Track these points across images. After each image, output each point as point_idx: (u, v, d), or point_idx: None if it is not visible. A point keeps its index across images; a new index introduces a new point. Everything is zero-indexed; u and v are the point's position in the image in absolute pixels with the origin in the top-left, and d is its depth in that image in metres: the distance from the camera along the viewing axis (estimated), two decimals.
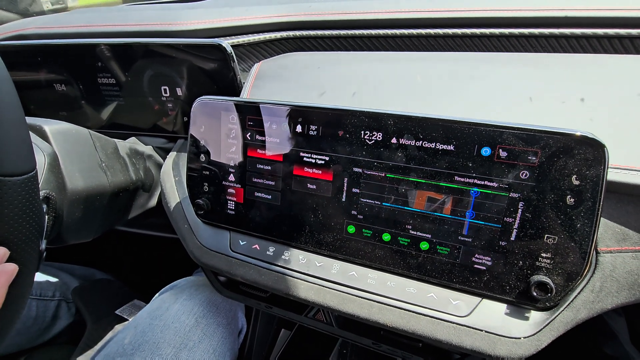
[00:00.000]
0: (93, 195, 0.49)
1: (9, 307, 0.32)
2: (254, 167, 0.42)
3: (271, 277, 0.41)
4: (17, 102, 0.30)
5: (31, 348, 0.73)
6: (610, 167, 0.33)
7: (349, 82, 0.48)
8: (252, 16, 0.60)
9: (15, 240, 0.30)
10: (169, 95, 0.61)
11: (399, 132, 0.35)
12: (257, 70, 0.56)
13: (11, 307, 0.33)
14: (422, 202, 0.35)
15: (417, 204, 0.35)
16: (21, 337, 0.69)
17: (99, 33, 0.63)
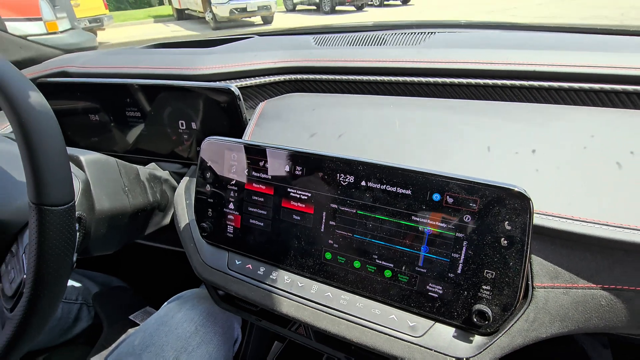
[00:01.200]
0: (116, 215, 0.58)
1: (46, 310, 0.40)
2: (250, 198, 0.49)
3: (260, 293, 0.48)
4: (61, 140, 0.38)
5: (53, 346, 0.82)
6: (546, 214, 0.39)
7: (337, 124, 0.55)
8: (259, 61, 0.69)
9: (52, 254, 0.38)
10: (185, 128, 0.70)
11: (367, 177, 0.41)
12: (261, 109, 0.64)
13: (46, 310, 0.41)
14: (385, 236, 0.41)
15: (381, 237, 0.42)
16: (45, 335, 0.77)
17: (129, 74, 0.73)
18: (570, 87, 0.52)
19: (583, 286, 0.37)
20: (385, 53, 0.64)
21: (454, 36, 0.69)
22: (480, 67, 0.56)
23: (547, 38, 0.64)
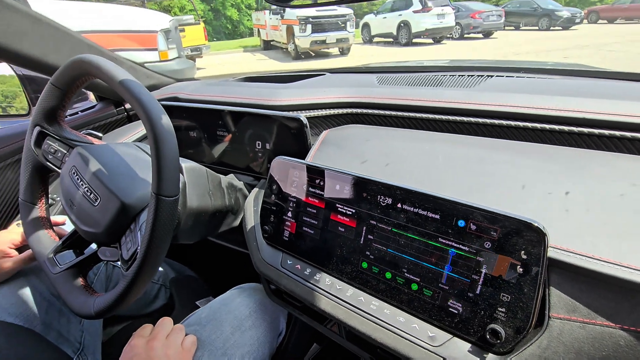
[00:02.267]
0: (200, 212, 0.72)
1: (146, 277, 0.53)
2: (305, 209, 0.59)
3: (304, 290, 0.57)
4: (177, 150, 0.52)
5: (135, 316, 0.99)
6: (569, 251, 0.42)
7: (386, 154, 0.63)
8: (325, 96, 0.81)
9: (159, 232, 0.52)
10: (260, 147, 0.84)
11: (402, 200, 0.49)
12: (323, 136, 0.75)
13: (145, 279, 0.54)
14: (415, 253, 0.48)
15: (411, 254, 0.48)
16: (132, 304, 0.95)
17: (222, 102, 0.91)
18: (622, 135, 0.53)
19: (601, 323, 0.39)
20: (438, 93, 0.71)
21: (507, 81, 0.74)
22: (527, 112, 0.60)
23: (598, 86, 0.65)
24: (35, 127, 0.67)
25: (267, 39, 12.55)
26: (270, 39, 12.31)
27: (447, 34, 11.51)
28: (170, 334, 0.59)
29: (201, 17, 12.17)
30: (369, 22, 12.75)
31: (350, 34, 10.12)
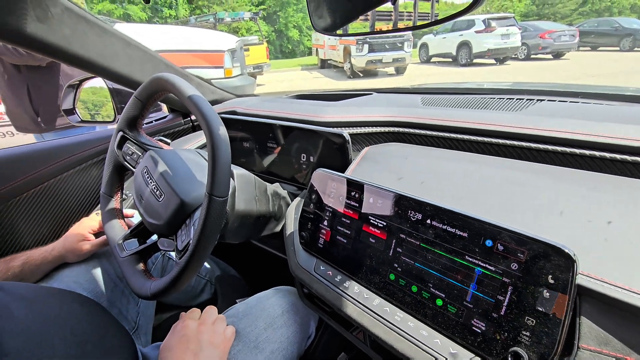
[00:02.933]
0: (246, 215, 0.79)
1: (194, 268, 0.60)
2: (340, 219, 0.63)
3: (333, 295, 0.60)
4: (230, 157, 0.59)
5: (182, 306, 1.09)
6: (604, 281, 0.40)
7: (423, 172, 0.65)
8: (369, 115, 0.85)
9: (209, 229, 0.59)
10: (305, 160, 0.90)
11: (432, 216, 0.50)
12: (364, 153, 0.79)
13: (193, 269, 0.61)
14: (441, 269, 0.49)
15: (438, 269, 0.49)
16: (181, 295, 1.05)
17: (275, 116, 0.99)
18: None
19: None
20: (481, 116, 0.71)
21: (559, 105, 0.72)
22: (570, 137, 0.59)
23: None
24: (119, 132, 0.79)
25: (325, 58, 12.97)
26: (328, 58, 12.71)
27: (511, 55, 10.99)
28: (215, 321, 0.66)
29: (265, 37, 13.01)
30: (428, 42, 12.64)
31: (407, 54, 10.11)
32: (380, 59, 9.94)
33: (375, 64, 10.06)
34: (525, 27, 11.31)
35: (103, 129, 1.31)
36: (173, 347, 0.60)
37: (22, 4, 0.67)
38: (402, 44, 9.89)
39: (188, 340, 0.61)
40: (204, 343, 0.60)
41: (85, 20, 0.78)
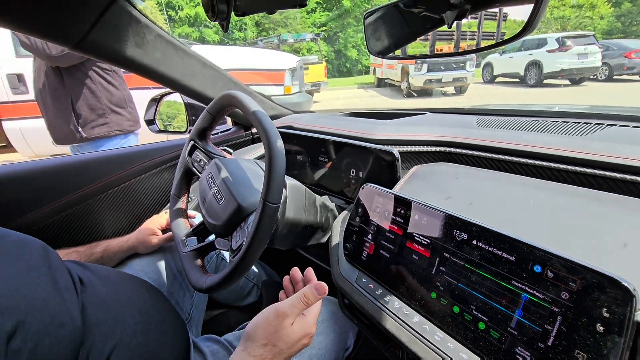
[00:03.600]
0: (295, 224, 0.83)
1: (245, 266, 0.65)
2: (384, 234, 0.64)
3: (373, 308, 0.61)
4: (284, 165, 0.64)
5: (230, 306, 1.15)
6: None
7: (472, 193, 0.64)
8: (421, 134, 0.86)
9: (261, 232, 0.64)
10: (354, 175, 0.93)
11: (478, 237, 0.50)
12: (413, 171, 0.80)
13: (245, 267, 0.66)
14: (485, 292, 0.48)
15: (482, 292, 0.48)
16: (230, 294, 1.12)
17: (328, 132, 1.04)
18: None
19: None
20: (538, 139, 0.69)
21: (633, 131, 0.67)
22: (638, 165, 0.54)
23: None
24: (190, 142, 0.90)
25: (382, 77, 13.03)
26: (385, 77, 12.75)
27: (589, 75, 10.07)
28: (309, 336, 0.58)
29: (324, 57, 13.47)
30: (493, 61, 12.10)
31: (469, 74, 9.77)
32: (439, 79, 9.72)
33: (434, 84, 9.86)
34: (607, 45, 10.32)
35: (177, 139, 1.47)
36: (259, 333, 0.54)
37: (125, 32, 0.80)
38: (463, 63, 9.60)
39: (277, 336, 0.55)
40: (286, 345, 0.55)
41: (172, 45, 0.91)
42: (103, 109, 1.87)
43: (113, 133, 1.91)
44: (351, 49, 20.06)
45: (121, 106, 1.94)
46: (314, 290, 0.55)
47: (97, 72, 1.85)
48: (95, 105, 1.86)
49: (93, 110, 1.86)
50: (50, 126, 1.95)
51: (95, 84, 1.84)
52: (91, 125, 1.87)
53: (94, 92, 1.84)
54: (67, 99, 1.83)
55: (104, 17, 0.73)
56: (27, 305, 0.46)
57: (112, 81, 1.90)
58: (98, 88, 1.85)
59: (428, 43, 0.93)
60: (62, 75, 1.80)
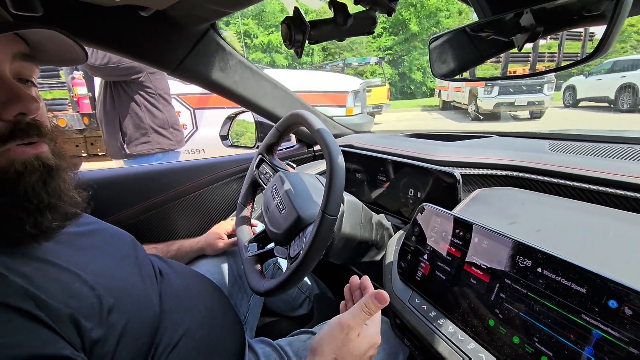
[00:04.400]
0: (350, 239, 0.85)
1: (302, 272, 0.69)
2: (441, 255, 0.63)
3: (426, 330, 0.59)
4: (344, 180, 0.68)
5: (282, 315, 1.19)
6: None
7: (540, 220, 0.61)
8: (485, 157, 0.83)
9: (318, 243, 0.67)
10: (412, 195, 0.93)
11: (544, 265, 0.47)
12: (475, 194, 0.78)
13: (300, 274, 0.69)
14: (550, 324, 0.45)
15: (546, 324, 0.45)
16: (283, 304, 1.16)
17: (387, 152, 1.05)
18: None
19: None
20: (620, 166, 0.63)
21: None
22: None
23: None
24: (259, 156, 0.98)
25: (448, 100, 12.64)
26: (451, 100, 12.34)
27: None
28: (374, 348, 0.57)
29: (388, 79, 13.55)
30: (576, 84, 11.02)
31: (547, 97, 9.01)
32: (512, 102, 9.11)
33: (506, 107, 9.27)
34: None
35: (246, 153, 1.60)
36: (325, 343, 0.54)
37: (212, 59, 0.93)
38: (540, 86, 8.90)
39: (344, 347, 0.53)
40: (354, 358, 0.53)
41: (250, 69, 1.02)
42: (146, 129, 2.04)
43: (154, 151, 2.08)
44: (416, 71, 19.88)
45: (163, 127, 2.10)
46: (375, 300, 0.54)
47: (143, 95, 2.03)
48: (139, 124, 2.03)
49: (137, 129, 2.04)
50: (105, 142, 2.18)
51: (140, 106, 2.03)
52: (134, 143, 2.05)
53: (138, 113, 2.03)
54: (116, 118, 2.04)
55: (197, 46, 0.85)
56: (122, 288, 0.55)
57: (156, 104, 2.08)
58: (142, 110, 2.03)
59: (500, 65, 0.91)
60: (114, 98, 2.02)
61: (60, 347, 0.40)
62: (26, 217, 0.45)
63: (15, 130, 0.44)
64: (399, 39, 19.70)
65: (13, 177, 0.44)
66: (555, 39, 0.73)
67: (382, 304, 0.54)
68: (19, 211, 0.44)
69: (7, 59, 0.45)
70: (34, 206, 0.46)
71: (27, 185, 0.45)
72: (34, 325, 0.39)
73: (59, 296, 0.43)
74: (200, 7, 0.80)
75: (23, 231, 0.45)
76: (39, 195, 0.46)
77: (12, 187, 0.44)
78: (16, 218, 0.44)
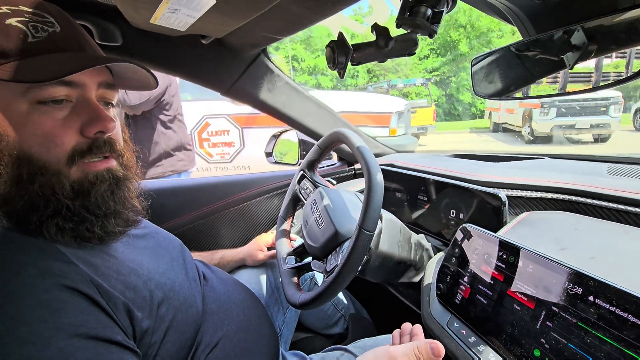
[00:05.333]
0: (387, 257, 0.85)
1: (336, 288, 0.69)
2: (482, 278, 0.61)
3: (464, 356, 0.57)
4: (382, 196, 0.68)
5: (316, 332, 1.19)
6: None
7: (595, 248, 0.56)
8: (535, 179, 0.79)
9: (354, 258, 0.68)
10: (454, 216, 0.90)
11: (596, 293, 0.44)
12: (522, 217, 0.74)
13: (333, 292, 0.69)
14: (604, 358, 0.41)
15: (598, 358, 0.42)
16: (318, 322, 1.16)
17: (429, 172, 1.04)
18: None
19: None
20: None
21: None
22: None
23: None
24: (300, 171, 1.02)
25: (499, 122, 12.07)
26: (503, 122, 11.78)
27: None
28: None
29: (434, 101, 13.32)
30: None
31: (614, 120, 8.25)
32: (572, 124, 8.46)
33: (565, 130, 8.62)
34: None
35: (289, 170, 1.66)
36: None
37: (262, 80, 1.00)
38: (606, 108, 8.19)
39: None
40: None
41: (296, 90, 1.08)
42: (160, 153, 2.13)
43: (167, 174, 2.17)
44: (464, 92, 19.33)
45: (177, 149, 2.18)
46: (430, 348, 0.52)
47: (160, 119, 2.11)
48: (153, 149, 2.12)
49: (151, 154, 2.12)
50: None
51: (155, 130, 2.11)
52: (148, 167, 2.13)
53: (153, 138, 2.11)
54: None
55: (249, 69, 0.93)
56: (171, 285, 0.60)
57: (171, 126, 2.16)
58: (157, 134, 2.12)
59: (558, 85, 0.87)
60: (131, 123, 2.11)
61: (115, 332, 0.44)
62: (95, 220, 0.52)
63: (93, 147, 0.52)
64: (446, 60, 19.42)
65: (87, 187, 0.51)
66: (622, 57, 0.69)
67: (435, 356, 0.52)
68: (90, 215, 0.51)
69: (94, 86, 0.53)
70: (102, 212, 0.53)
71: (97, 194, 0.52)
72: (96, 309, 0.44)
73: (118, 287, 0.49)
74: (253, 35, 0.88)
75: (92, 232, 0.51)
76: (106, 203, 0.53)
77: (85, 194, 0.51)
78: (88, 220, 0.51)
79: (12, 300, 0.40)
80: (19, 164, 0.46)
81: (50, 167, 0.48)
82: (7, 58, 0.45)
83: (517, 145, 9.28)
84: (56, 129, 0.48)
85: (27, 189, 0.47)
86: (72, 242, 0.50)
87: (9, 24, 0.46)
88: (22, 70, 0.45)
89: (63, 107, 0.49)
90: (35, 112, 0.47)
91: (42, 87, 0.46)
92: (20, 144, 0.46)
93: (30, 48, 0.47)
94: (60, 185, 0.48)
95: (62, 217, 0.48)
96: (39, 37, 0.48)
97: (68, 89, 0.49)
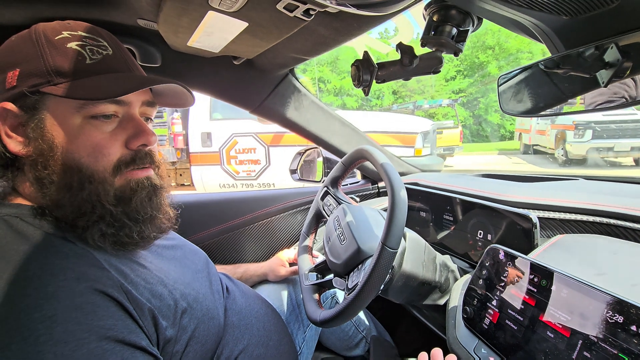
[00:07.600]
0: (410, 277, 0.82)
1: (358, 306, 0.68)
2: (512, 302, 0.58)
3: None
4: (405, 213, 0.67)
5: (337, 353, 1.16)
6: None
7: (637, 274, 0.53)
8: (569, 200, 0.76)
9: (376, 276, 0.66)
10: (481, 237, 0.87)
11: (639, 323, 0.41)
12: (556, 240, 0.70)
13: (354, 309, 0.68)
14: None
15: None
16: (339, 341, 1.13)
17: (455, 191, 1.02)
18: None
19: None
20: None
21: None
22: None
23: None
24: (324, 188, 1.02)
25: (530, 143, 11.67)
26: (534, 144, 11.37)
27: None
28: None
29: (461, 122, 13.12)
30: None
31: None
32: (610, 147, 8.03)
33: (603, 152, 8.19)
34: None
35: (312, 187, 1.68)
36: None
37: (289, 99, 1.03)
38: None
39: None
40: None
41: (321, 109, 1.10)
42: None
43: None
44: (493, 113, 18.92)
45: None
46: None
47: None
48: None
49: None
50: None
51: None
52: None
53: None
54: None
55: (276, 89, 0.96)
56: (195, 295, 0.61)
57: None
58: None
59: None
60: None
61: (140, 337, 0.46)
62: (134, 225, 0.54)
63: (136, 158, 0.55)
64: (473, 81, 19.20)
65: (129, 193, 0.55)
66: None
67: None
68: (131, 220, 0.54)
69: (138, 104, 0.58)
70: (141, 217, 0.56)
71: (137, 200, 0.55)
72: (124, 315, 0.46)
73: (145, 294, 0.50)
74: (282, 55, 0.92)
75: (131, 237, 0.54)
76: (145, 209, 0.56)
77: (127, 201, 0.54)
78: (128, 226, 0.54)
79: (50, 302, 0.42)
80: (70, 172, 0.50)
81: (97, 175, 0.51)
82: (66, 77, 0.50)
83: (551, 168, 8.88)
84: (104, 141, 0.52)
85: (77, 196, 0.50)
86: (111, 247, 0.52)
87: (70, 47, 0.51)
88: (80, 88, 0.49)
89: (111, 122, 0.53)
90: (87, 125, 0.51)
91: (95, 104, 0.51)
92: (72, 154, 0.50)
93: (88, 69, 0.52)
94: (105, 192, 0.52)
95: (105, 223, 0.52)
96: (95, 59, 0.53)
97: (117, 106, 0.53)
